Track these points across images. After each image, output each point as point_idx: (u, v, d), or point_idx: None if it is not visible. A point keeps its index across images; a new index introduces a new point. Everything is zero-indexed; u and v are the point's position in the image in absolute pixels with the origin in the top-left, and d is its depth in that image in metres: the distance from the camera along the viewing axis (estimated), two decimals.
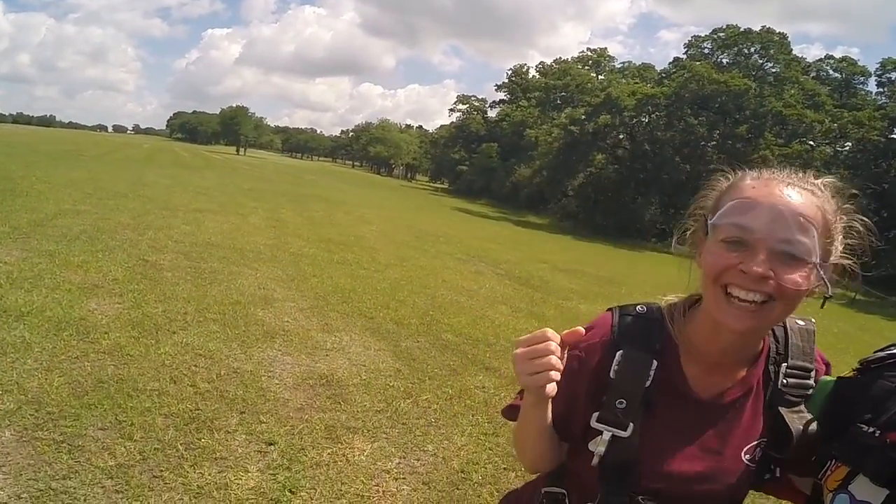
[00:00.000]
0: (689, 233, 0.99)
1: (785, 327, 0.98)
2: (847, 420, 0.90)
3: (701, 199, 0.97)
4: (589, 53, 53.83)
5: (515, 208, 42.65)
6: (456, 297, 7.85)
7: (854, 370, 0.97)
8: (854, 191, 0.91)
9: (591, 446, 0.94)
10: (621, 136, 38.07)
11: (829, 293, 0.87)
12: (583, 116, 38.25)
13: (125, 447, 2.82)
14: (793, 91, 34.54)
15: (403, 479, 3.09)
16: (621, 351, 0.95)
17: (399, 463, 3.23)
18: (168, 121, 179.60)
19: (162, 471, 2.70)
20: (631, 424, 0.91)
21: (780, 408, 0.94)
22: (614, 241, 29.50)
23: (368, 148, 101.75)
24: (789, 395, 0.95)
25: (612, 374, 0.94)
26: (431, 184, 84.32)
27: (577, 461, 0.99)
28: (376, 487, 2.96)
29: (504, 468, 3.38)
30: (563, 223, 35.48)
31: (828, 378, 1.00)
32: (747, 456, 0.95)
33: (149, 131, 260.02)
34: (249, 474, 2.82)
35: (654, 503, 0.94)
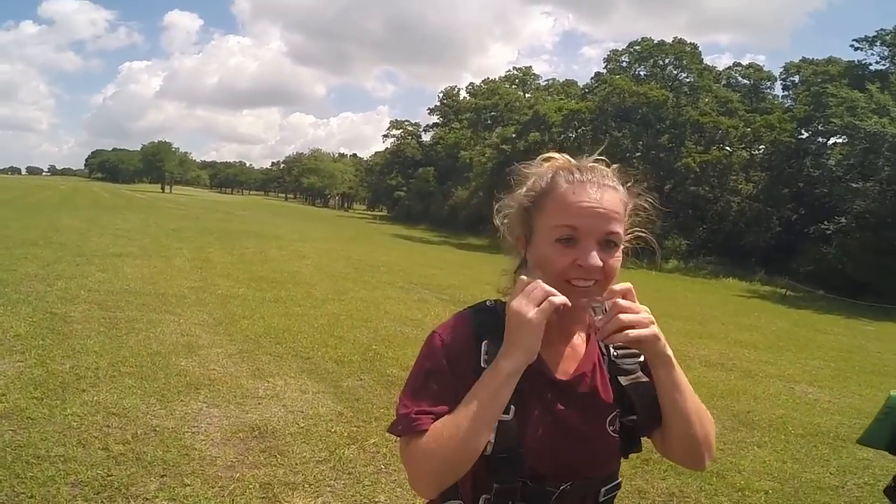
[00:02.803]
0: (507, 228, 1.11)
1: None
2: None
3: (512, 198, 1.09)
4: (515, 72, 54.66)
5: (455, 231, 42.49)
6: (400, 328, 7.58)
7: None
8: (634, 173, 1.07)
9: None
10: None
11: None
12: (513, 135, 38.91)
13: None
14: (707, 99, 36.04)
15: None
16: (485, 341, 1.01)
17: None
18: (87, 160, 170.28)
19: None
20: (512, 407, 0.96)
21: (619, 377, 1.06)
22: None
23: (301, 179, 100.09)
24: (623, 365, 1.06)
25: (482, 364, 1.00)
26: (369, 212, 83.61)
27: None
28: None
29: None
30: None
31: None
32: (611, 427, 1.05)
33: (66, 172, 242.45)
34: None
35: (540, 485, 0.99)
